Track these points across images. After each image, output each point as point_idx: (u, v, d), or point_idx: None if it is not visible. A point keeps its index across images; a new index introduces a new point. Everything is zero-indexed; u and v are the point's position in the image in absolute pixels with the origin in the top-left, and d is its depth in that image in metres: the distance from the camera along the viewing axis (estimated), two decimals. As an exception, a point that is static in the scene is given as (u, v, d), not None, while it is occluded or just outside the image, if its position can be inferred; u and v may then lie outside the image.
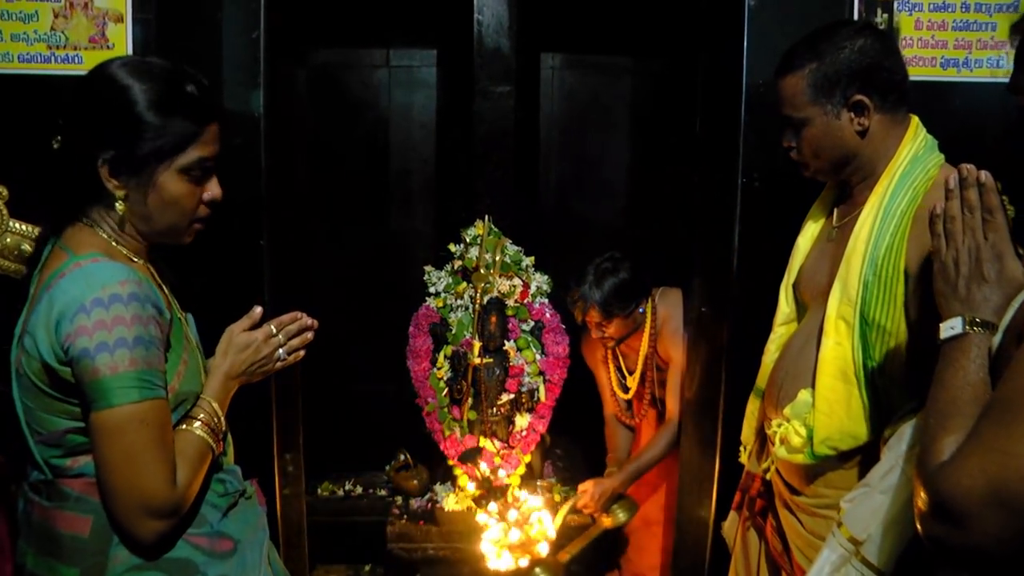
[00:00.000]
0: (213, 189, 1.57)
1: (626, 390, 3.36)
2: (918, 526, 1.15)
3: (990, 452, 1.06)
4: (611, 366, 3.40)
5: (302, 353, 1.75)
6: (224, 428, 1.61)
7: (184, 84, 1.50)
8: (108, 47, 2.38)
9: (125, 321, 1.36)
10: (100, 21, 2.37)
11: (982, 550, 1.06)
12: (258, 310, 1.71)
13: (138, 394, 1.37)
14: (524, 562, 2.93)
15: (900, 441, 1.50)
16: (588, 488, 3.14)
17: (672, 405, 3.13)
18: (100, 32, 2.38)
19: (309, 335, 1.75)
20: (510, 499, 3.10)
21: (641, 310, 3.16)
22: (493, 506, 3.05)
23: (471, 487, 3.14)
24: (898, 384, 1.73)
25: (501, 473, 3.12)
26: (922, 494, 1.14)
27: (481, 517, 3.05)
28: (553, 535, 3.01)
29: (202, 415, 1.55)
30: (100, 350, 1.35)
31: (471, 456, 3.11)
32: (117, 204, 1.47)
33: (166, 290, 1.60)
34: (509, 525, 2.98)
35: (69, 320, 1.35)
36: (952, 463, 1.11)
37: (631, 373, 3.33)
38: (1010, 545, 1.04)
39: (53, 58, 2.39)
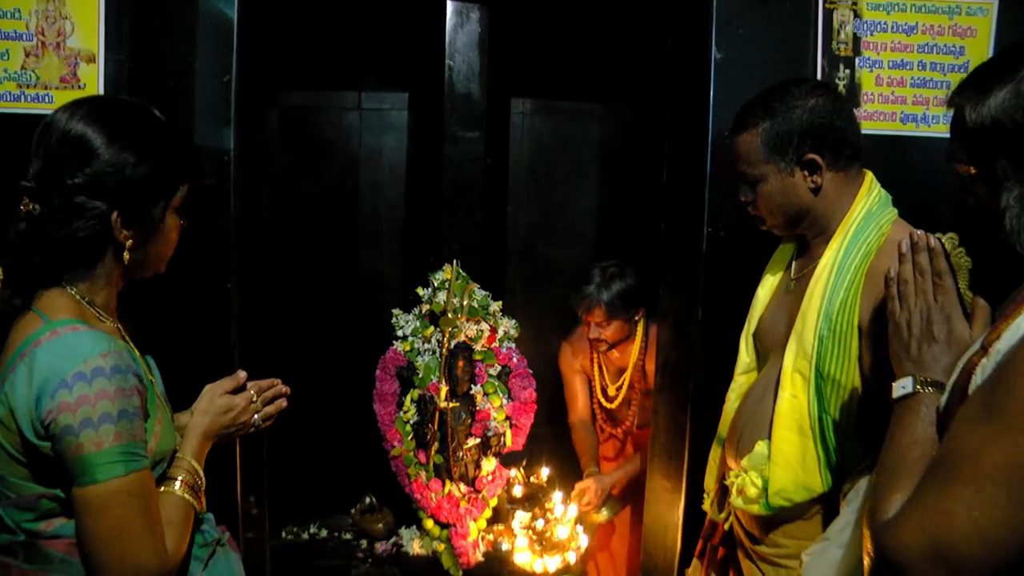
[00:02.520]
0: (184, 218, 1.59)
1: (610, 399, 3.43)
2: None
3: (929, 511, 1.10)
4: (595, 375, 3.47)
5: (274, 419, 1.78)
6: (203, 485, 1.60)
7: (166, 124, 1.53)
8: (80, 87, 2.37)
9: (109, 395, 1.34)
10: (72, 61, 2.37)
11: None
12: (242, 374, 1.73)
13: (124, 468, 1.35)
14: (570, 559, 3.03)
15: (857, 496, 1.53)
16: (591, 485, 3.26)
17: None
18: (72, 72, 2.37)
19: (283, 402, 1.79)
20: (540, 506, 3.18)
21: (637, 318, 3.28)
22: (521, 514, 3.14)
23: (518, 490, 3.19)
24: (852, 437, 1.75)
25: (544, 472, 3.22)
26: (869, 549, 1.18)
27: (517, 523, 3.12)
28: (586, 543, 3.12)
29: (182, 475, 1.54)
30: (84, 426, 1.32)
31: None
32: (125, 254, 1.47)
33: (137, 352, 1.58)
34: (543, 531, 3.06)
35: (50, 396, 1.33)
36: (896, 520, 1.15)
37: (613, 383, 3.41)
38: None
39: (23, 97, 2.38)
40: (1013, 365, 1.09)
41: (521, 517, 3.12)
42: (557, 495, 3.17)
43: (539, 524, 3.08)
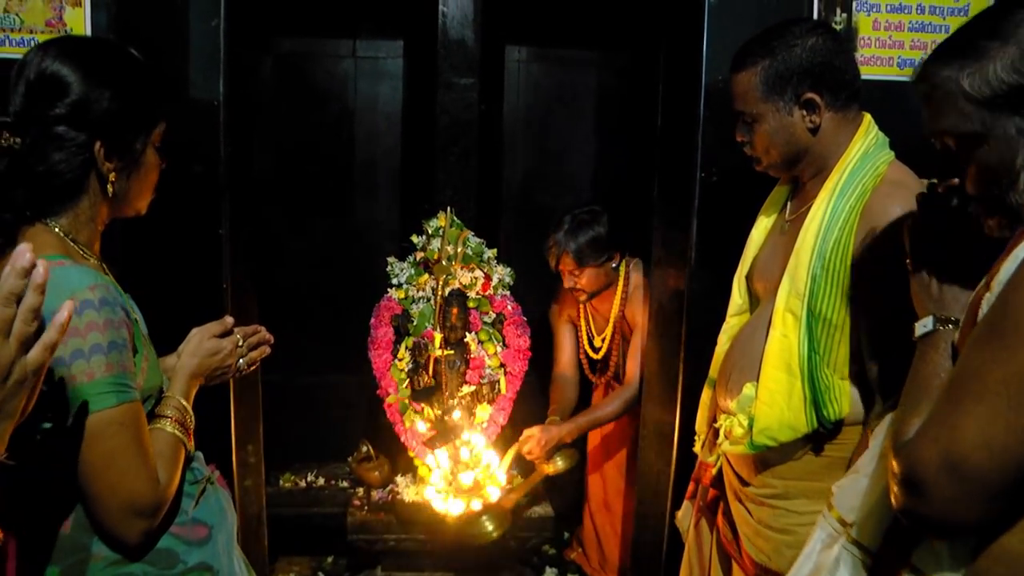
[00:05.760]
0: (164, 158, 1.61)
1: (596, 350, 3.39)
2: (892, 500, 1.26)
3: (941, 426, 1.18)
4: (582, 325, 3.42)
5: (257, 364, 1.82)
6: (192, 423, 1.62)
7: (141, 60, 1.54)
8: (66, 31, 2.34)
9: (98, 327, 1.35)
10: (57, 5, 2.33)
11: (942, 516, 1.17)
12: (229, 320, 1.74)
13: (115, 398, 1.37)
14: (475, 506, 2.96)
15: (883, 430, 1.57)
16: (535, 434, 3.13)
17: (632, 368, 3.17)
18: (57, 16, 2.34)
19: (267, 349, 1.82)
20: (459, 442, 3.09)
21: (615, 266, 3.20)
22: (441, 452, 3.06)
23: (421, 427, 3.10)
24: (841, 377, 1.76)
25: (455, 415, 3.10)
26: (892, 469, 1.25)
27: (430, 459, 3.06)
28: (503, 479, 3.06)
29: (172, 413, 1.56)
30: (75, 357, 1.33)
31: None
32: (108, 186, 1.48)
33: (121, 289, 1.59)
34: (459, 467, 2.99)
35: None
36: (913, 439, 1.22)
37: (599, 334, 3.36)
38: (965, 510, 1.15)
39: (7, 41, 2.35)
40: (1009, 290, 1.16)
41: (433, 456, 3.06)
42: (471, 437, 3.10)
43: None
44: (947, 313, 1.39)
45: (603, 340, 3.34)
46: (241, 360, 1.75)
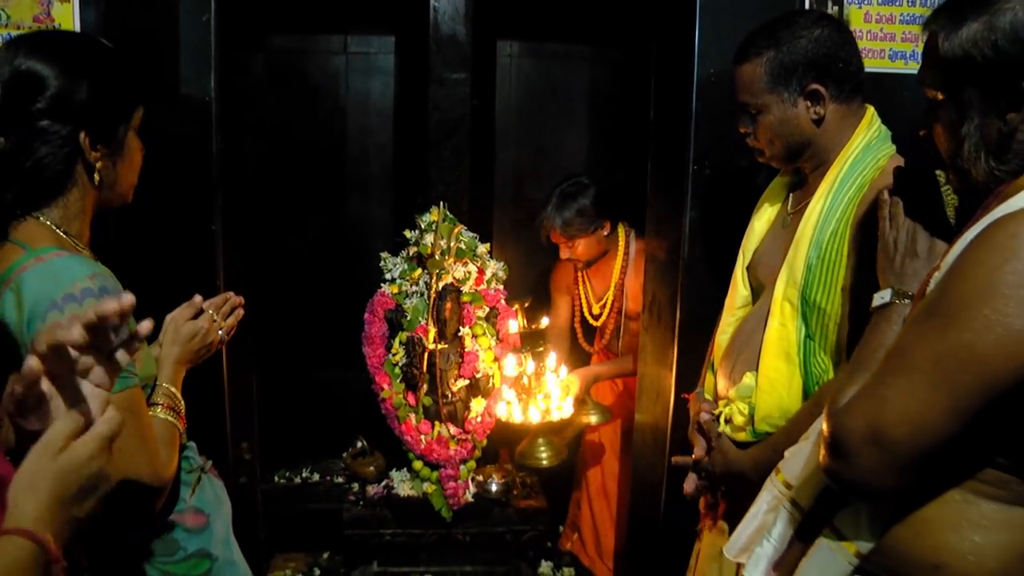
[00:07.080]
0: (143, 143, 1.63)
1: (596, 316, 3.48)
2: (821, 462, 1.33)
3: (870, 398, 1.25)
4: (580, 292, 3.51)
5: (235, 330, 1.85)
6: (183, 408, 1.65)
7: (111, 48, 1.56)
8: (54, 27, 2.32)
9: None
10: (45, 0, 2.33)
11: (864, 482, 1.25)
12: (198, 299, 1.77)
13: (120, 384, 1.37)
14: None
15: None
16: (575, 375, 3.26)
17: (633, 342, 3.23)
18: (45, 11, 2.33)
19: (240, 312, 1.85)
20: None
21: (607, 233, 3.29)
22: (511, 359, 3.08)
23: (514, 326, 3.14)
24: (836, 365, 1.76)
25: (545, 321, 3.16)
26: (823, 434, 1.32)
27: (509, 365, 3.09)
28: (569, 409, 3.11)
29: (162, 400, 1.60)
30: None
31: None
32: (96, 175, 1.50)
33: None
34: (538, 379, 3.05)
35: (41, 319, 1.33)
36: (845, 406, 1.29)
37: (599, 300, 3.45)
38: (884, 478, 1.23)
39: (-5, 37, 2.33)
40: (950, 273, 1.22)
41: (511, 362, 3.08)
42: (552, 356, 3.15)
43: (524, 380, 3.05)
44: (905, 288, 1.46)
45: (602, 307, 3.43)
46: (220, 331, 1.78)
